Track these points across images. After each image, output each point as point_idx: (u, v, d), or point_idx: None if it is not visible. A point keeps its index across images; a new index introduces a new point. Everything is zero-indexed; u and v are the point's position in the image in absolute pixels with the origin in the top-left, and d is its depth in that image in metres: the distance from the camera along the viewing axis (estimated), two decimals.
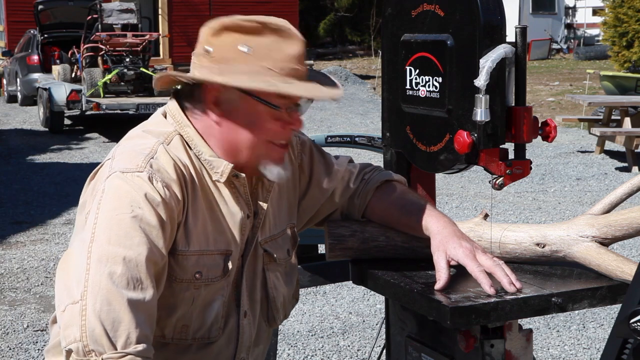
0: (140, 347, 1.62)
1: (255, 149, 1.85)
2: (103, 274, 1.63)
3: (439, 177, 2.26)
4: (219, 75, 1.79)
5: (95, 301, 1.62)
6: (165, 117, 1.90)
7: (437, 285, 1.84)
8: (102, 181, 1.74)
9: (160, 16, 23.48)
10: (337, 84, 1.89)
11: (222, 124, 1.84)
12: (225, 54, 1.81)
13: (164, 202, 1.72)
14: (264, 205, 1.94)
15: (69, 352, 1.63)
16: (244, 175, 1.87)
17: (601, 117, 12.16)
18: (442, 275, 1.86)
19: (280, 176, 1.88)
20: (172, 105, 1.90)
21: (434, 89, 1.97)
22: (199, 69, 1.83)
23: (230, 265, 1.85)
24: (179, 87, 1.92)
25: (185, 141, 1.85)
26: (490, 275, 1.84)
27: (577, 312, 5.22)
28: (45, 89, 14.85)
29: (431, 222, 1.97)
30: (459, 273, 1.96)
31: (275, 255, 1.98)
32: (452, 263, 1.88)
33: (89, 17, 15.47)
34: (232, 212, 1.87)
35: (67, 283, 1.68)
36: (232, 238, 1.87)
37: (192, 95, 1.87)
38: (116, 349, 1.60)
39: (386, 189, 2.11)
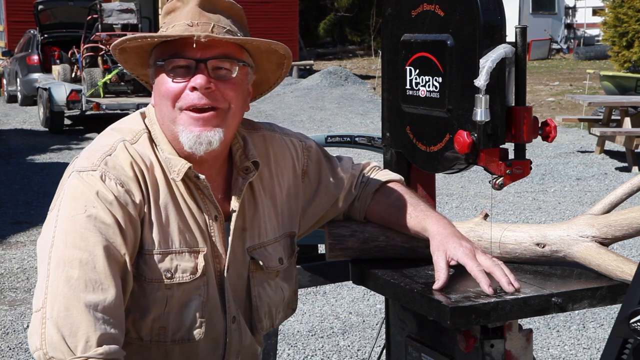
0: (102, 349, 1.61)
1: (172, 119, 1.81)
2: (60, 279, 1.64)
3: (439, 177, 2.26)
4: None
5: (53, 308, 1.62)
6: (144, 115, 1.91)
7: (436, 285, 1.84)
8: (65, 180, 1.78)
9: (160, 16, 23.48)
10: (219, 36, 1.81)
11: (155, 105, 1.87)
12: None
13: (117, 200, 1.72)
14: (235, 208, 1.90)
15: None
16: (203, 176, 1.83)
17: (601, 117, 12.15)
18: (441, 275, 1.86)
19: (194, 145, 1.80)
20: (150, 103, 1.92)
21: (434, 89, 1.97)
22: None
23: (201, 266, 1.82)
24: None
25: (153, 139, 1.85)
26: (489, 275, 1.84)
27: (577, 312, 5.22)
28: (45, 89, 14.85)
29: (430, 223, 1.97)
30: (458, 273, 1.96)
31: (261, 264, 1.94)
32: (452, 263, 1.88)
33: (89, 17, 15.47)
34: (199, 210, 1.84)
35: (36, 292, 1.69)
36: (201, 237, 1.84)
37: None
38: (75, 355, 1.59)
39: (385, 191, 2.11)
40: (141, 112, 1.92)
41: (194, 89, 1.78)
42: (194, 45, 1.77)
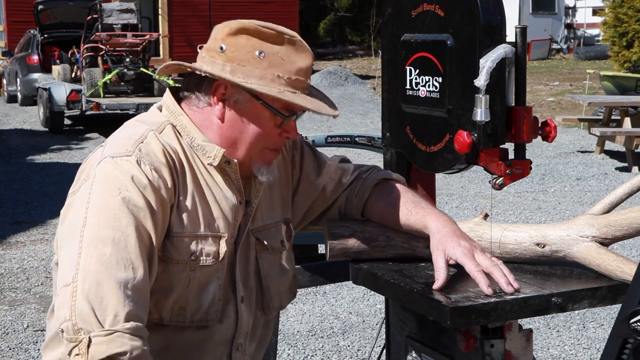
0: (129, 324, 1.65)
1: (251, 150, 1.92)
2: (93, 256, 1.69)
3: (439, 177, 2.26)
4: (231, 74, 1.85)
5: (84, 282, 1.66)
6: (161, 109, 1.97)
7: (436, 285, 1.84)
8: (94, 167, 1.81)
9: (160, 16, 23.47)
10: (333, 104, 1.95)
11: (225, 121, 1.91)
12: (239, 55, 1.86)
13: (151, 184, 1.78)
14: (256, 195, 1.99)
15: (61, 332, 1.67)
16: (235, 161, 1.92)
17: (601, 117, 12.16)
18: (440, 275, 1.86)
19: (269, 179, 1.96)
20: (166, 97, 1.97)
21: (434, 89, 1.97)
22: (211, 65, 1.88)
23: (223, 251, 1.90)
24: (172, 84, 1.99)
25: (177, 130, 1.92)
26: (489, 275, 1.84)
27: (577, 312, 5.22)
28: (45, 89, 14.84)
29: (430, 221, 1.97)
30: (458, 273, 1.96)
31: (267, 243, 2.02)
32: (451, 262, 1.88)
33: (89, 17, 15.47)
34: (224, 196, 1.92)
35: (62, 269, 1.73)
36: (225, 222, 1.91)
37: (196, 89, 1.93)
38: (104, 327, 1.63)
39: (384, 188, 2.11)
40: (158, 107, 1.98)
41: (287, 138, 1.94)
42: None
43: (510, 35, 1.87)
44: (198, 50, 1.93)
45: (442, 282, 1.85)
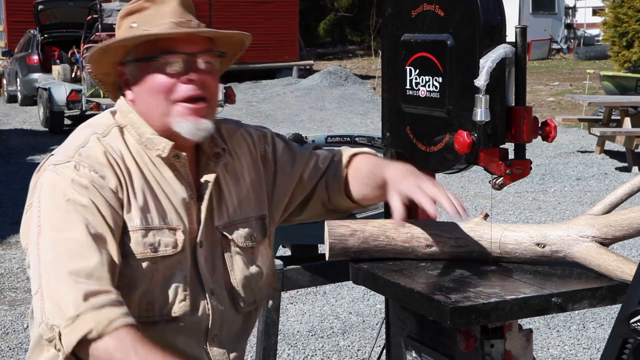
0: (88, 303, 1.72)
1: (165, 112, 1.95)
2: (50, 260, 1.79)
3: (439, 177, 2.26)
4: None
5: (47, 285, 1.77)
6: (114, 112, 2.03)
7: (394, 219, 1.90)
8: (41, 176, 1.91)
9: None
10: (214, 31, 1.99)
11: (136, 99, 1.99)
12: (121, 35, 1.97)
13: (92, 184, 1.86)
14: (208, 189, 2.02)
15: (42, 336, 1.78)
16: (184, 154, 1.97)
17: (601, 117, 12.15)
18: (397, 215, 1.92)
19: (193, 132, 1.95)
20: (120, 99, 2.04)
21: (434, 89, 1.97)
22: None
23: (181, 240, 1.94)
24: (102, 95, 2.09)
25: (126, 130, 1.98)
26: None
27: (577, 312, 5.22)
28: (45, 89, 14.85)
29: (387, 171, 2.03)
30: (459, 273, 1.96)
31: (232, 239, 2.05)
32: (406, 200, 1.94)
33: (89, 17, 15.47)
34: (173, 191, 1.97)
35: (32, 278, 1.84)
36: (177, 215, 1.96)
37: (122, 87, 2.03)
38: (69, 316, 1.72)
39: (356, 163, 2.17)
40: (111, 111, 2.05)
41: (189, 81, 1.93)
42: (194, 42, 1.93)
43: (510, 35, 1.87)
44: None
45: (399, 219, 1.90)
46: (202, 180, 2.02)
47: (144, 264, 1.90)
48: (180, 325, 1.96)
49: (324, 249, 2.16)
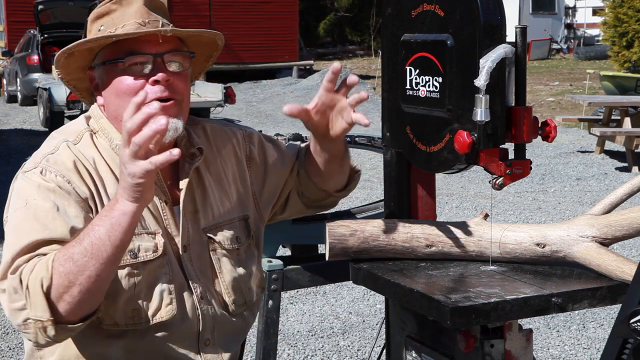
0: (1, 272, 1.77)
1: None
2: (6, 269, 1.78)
3: (439, 177, 2.26)
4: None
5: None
6: (89, 117, 2.03)
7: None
8: (12, 185, 1.92)
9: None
10: (176, 30, 1.96)
11: (105, 103, 1.99)
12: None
13: (59, 188, 1.85)
14: (183, 192, 2.01)
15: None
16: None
17: (601, 117, 12.16)
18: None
19: (174, 131, 1.92)
20: (94, 104, 2.04)
21: (434, 89, 1.97)
22: None
23: (161, 244, 1.94)
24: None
25: (98, 136, 1.98)
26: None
27: (577, 312, 5.22)
28: (45, 89, 14.84)
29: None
30: (458, 273, 1.96)
31: (218, 241, 2.05)
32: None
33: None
34: None
35: None
36: (155, 220, 1.96)
37: (95, 93, 2.02)
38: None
39: (308, 146, 2.19)
40: (85, 116, 2.05)
41: (156, 82, 1.91)
42: (160, 40, 1.91)
43: (510, 35, 1.87)
44: None
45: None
46: (179, 184, 2.02)
47: (125, 271, 1.89)
48: (171, 332, 1.94)
49: (324, 249, 2.16)
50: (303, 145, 2.26)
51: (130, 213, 1.70)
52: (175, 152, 1.62)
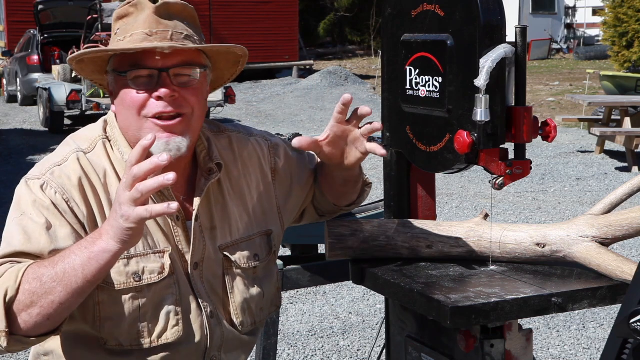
0: None
1: (138, 127, 1.86)
2: None
3: (439, 177, 2.26)
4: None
5: None
6: (107, 122, 1.96)
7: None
8: (17, 188, 1.89)
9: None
10: (180, 45, 1.84)
11: (117, 112, 1.92)
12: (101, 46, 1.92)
13: (54, 206, 1.80)
14: (195, 209, 1.93)
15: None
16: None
17: (601, 117, 12.15)
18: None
19: (163, 151, 1.71)
20: (111, 109, 1.97)
21: (434, 89, 1.97)
22: None
23: (167, 265, 1.87)
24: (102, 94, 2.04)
25: (111, 145, 1.91)
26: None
27: (577, 312, 5.22)
28: (45, 89, 14.84)
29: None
30: (458, 273, 1.96)
31: (234, 260, 1.98)
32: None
33: (89, 17, 15.47)
34: None
35: None
36: (164, 238, 1.89)
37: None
38: None
39: (321, 162, 2.13)
40: (104, 120, 1.98)
41: (159, 98, 1.83)
42: (157, 57, 1.82)
43: (510, 35, 1.87)
44: None
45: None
46: (194, 200, 1.93)
47: (128, 295, 1.84)
48: (176, 352, 1.90)
49: (324, 249, 2.16)
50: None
51: (111, 253, 1.62)
52: (170, 176, 1.54)
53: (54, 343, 1.91)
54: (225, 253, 1.97)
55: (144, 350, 1.87)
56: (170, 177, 1.54)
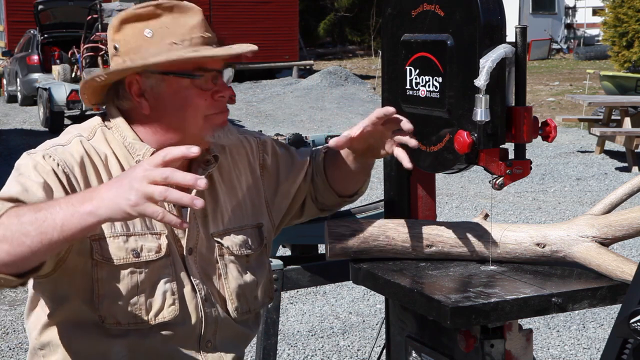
0: None
1: (194, 125, 1.93)
2: None
3: (439, 177, 2.26)
4: (131, 63, 1.89)
5: None
6: (103, 116, 2.01)
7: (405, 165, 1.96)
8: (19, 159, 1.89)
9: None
10: (250, 45, 1.97)
11: (154, 112, 1.93)
12: (131, 44, 1.91)
13: (53, 172, 1.83)
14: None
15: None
16: None
17: (601, 117, 12.16)
18: (406, 163, 1.97)
19: (218, 136, 1.95)
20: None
21: (434, 89, 1.97)
22: (114, 66, 1.95)
23: (164, 245, 1.92)
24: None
25: (111, 132, 1.95)
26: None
27: (577, 312, 5.22)
28: (45, 89, 14.85)
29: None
30: (458, 273, 1.96)
31: (226, 246, 2.03)
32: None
33: (89, 17, 15.47)
34: None
35: None
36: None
37: (116, 97, 1.97)
38: None
39: (331, 152, 2.18)
40: (99, 114, 2.03)
41: (221, 97, 1.94)
42: (221, 61, 1.93)
43: (510, 35, 1.87)
44: None
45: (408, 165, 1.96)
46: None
47: (128, 270, 1.89)
48: (173, 333, 1.94)
49: (324, 249, 2.17)
50: (320, 148, 2.26)
51: (97, 219, 1.61)
52: (195, 149, 1.59)
53: (50, 335, 1.95)
54: (217, 239, 2.03)
55: (140, 331, 1.91)
56: (194, 150, 1.60)
